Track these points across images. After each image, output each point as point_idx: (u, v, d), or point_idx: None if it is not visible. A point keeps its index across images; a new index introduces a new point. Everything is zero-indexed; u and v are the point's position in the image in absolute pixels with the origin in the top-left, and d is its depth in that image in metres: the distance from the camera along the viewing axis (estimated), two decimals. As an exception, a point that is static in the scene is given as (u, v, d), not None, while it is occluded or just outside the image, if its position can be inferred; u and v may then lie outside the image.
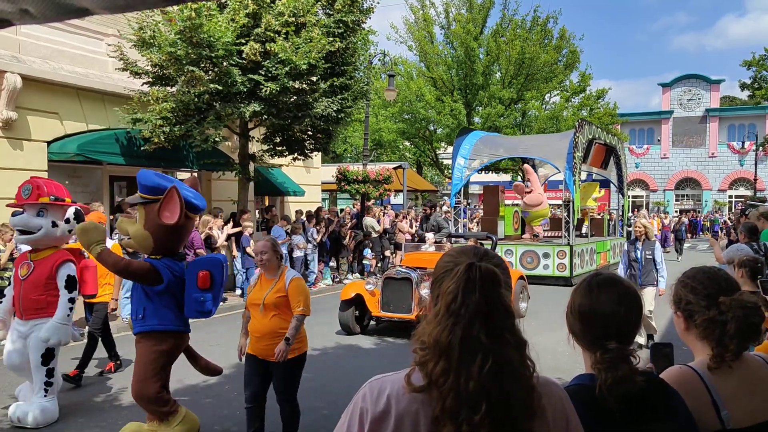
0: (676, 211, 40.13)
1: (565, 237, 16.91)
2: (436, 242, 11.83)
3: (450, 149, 26.85)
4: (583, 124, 16.87)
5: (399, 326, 9.80)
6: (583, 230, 19.40)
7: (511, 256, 16.56)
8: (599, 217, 20.82)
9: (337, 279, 15.97)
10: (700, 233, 35.31)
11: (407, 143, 30.78)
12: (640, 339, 8.44)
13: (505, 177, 31.76)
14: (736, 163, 44.66)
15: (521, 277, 11.39)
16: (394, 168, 23.40)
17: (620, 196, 21.14)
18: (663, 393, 1.73)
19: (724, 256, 6.91)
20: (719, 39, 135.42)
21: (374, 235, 16.66)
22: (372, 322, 10.10)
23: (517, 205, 19.39)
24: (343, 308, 9.57)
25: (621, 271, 8.74)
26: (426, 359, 1.37)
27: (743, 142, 44.08)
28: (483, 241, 11.39)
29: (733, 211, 36.60)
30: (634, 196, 47.49)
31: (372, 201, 18.20)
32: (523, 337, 1.40)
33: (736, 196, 44.16)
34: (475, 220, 21.00)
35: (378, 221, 16.96)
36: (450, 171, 27.58)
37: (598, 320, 1.73)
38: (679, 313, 2.02)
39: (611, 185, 22.28)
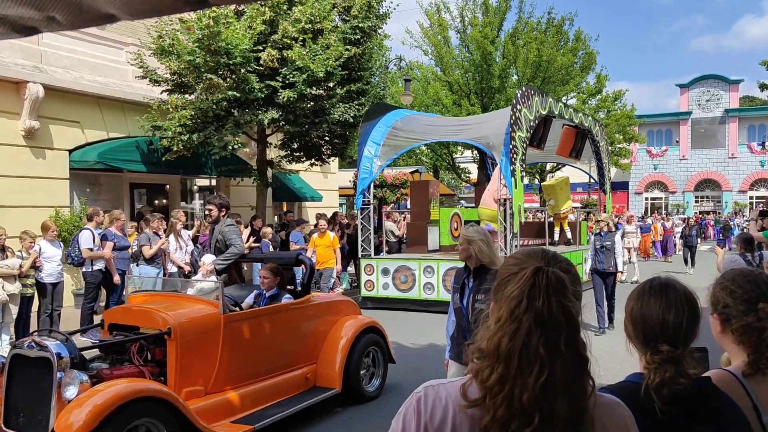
0: (697, 213, 39.56)
1: (501, 250, 11.41)
2: (216, 271, 6.39)
3: (467, 153, 26.60)
4: (530, 92, 11.85)
5: None
6: (556, 237, 15.71)
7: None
8: (573, 220, 16.84)
9: (356, 284, 15.97)
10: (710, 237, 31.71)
11: (424, 147, 30.74)
12: None
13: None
14: (757, 163, 44.07)
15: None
16: (411, 172, 23.43)
17: (602, 194, 16.75)
18: (709, 395, 1.70)
19: (721, 268, 6.72)
20: (737, 40, 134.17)
21: (392, 239, 16.66)
22: None
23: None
24: None
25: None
26: (483, 366, 1.32)
27: (763, 143, 43.50)
28: (294, 267, 7.07)
29: (750, 211, 35.83)
30: (653, 198, 47.04)
31: (391, 205, 18.19)
32: (584, 354, 1.32)
33: (757, 197, 43.56)
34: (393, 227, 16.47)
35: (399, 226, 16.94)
36: (467, 175, 27.45)
37: (647, 325, 1.72)
38: (716, 315, 1.97)
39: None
